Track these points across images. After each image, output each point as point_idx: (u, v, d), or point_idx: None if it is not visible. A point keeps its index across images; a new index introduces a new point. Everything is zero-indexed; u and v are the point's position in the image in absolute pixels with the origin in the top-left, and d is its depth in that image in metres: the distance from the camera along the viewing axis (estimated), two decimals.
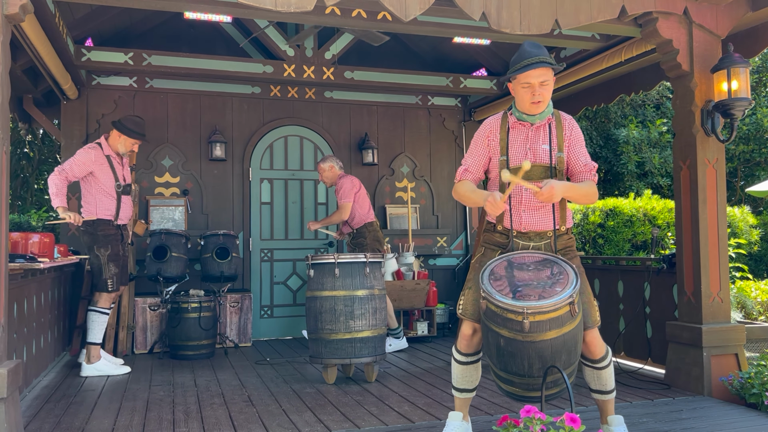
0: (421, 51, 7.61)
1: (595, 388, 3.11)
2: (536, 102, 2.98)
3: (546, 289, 2.73)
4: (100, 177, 4.97)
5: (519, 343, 2.71)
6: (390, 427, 3.50)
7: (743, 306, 7.00)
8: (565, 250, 3.07)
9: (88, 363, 4.94)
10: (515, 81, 3.02)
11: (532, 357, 2.72)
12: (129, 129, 5.08)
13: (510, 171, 2.87)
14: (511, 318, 2.68)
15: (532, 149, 3.04)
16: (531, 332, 2.67)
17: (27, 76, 5.87)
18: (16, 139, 10.41)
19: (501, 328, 2.74)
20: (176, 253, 5.72)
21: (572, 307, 2.69)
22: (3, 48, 3.11)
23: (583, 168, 3.05)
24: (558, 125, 3.08)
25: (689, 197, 4.38)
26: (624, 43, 5.21)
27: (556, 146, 3.04)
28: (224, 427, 3.52)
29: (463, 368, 3.11)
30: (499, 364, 2.86)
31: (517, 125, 3.09)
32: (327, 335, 4.51)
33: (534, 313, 2.64)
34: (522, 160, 3.01)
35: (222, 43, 6.85)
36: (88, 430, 3.51)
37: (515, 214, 3.04)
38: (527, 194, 3.00)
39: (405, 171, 7.43)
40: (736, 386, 3.99)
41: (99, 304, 5.05)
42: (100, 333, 5.01)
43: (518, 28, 3.92)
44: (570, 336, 2.73)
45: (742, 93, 4.12)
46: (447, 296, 7.33)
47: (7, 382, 2.94)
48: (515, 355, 2.76)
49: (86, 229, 5.03)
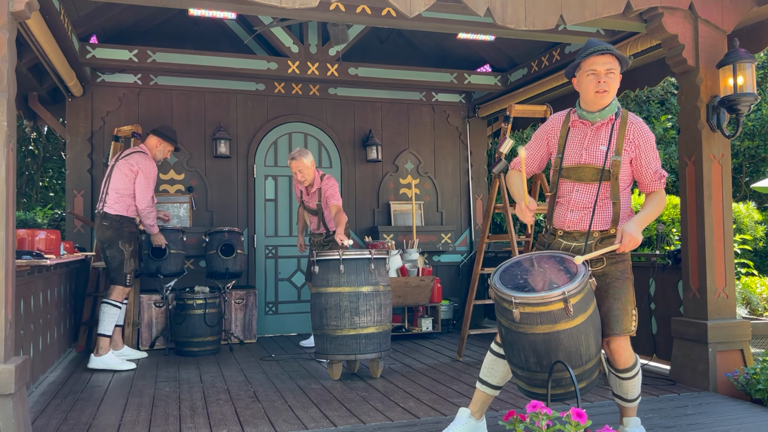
0: (425, 47, 7.60)
1: (617, 393, 3.09)
2: (601, 91, 2.85)
3: (549, 284, 2.72)
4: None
5: (514, 334, 2.76)
6: (395, 423, 3.51)
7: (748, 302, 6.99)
8: (610, 254, 2.92)
9: (96, 356, 4.98)
10: (580, 71, 2.92)
11: (527, 350, 2.74)
12: (169, 137, 5.37)
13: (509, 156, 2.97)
14: (505, 307, 2.73)
15: (588, 149, 2.95)
16: (521, 323, 2.69)
17: (32, 74, 5.88)
18: (22, 136, 10.44)
19: (501, 317, 2.81)
20: (174, 250, 5.72)
21: (566, 305, 2.63)
22: (9, 45, 3.12)
23: (653, 176, 2.93)
24: (622, 127, 2.92)
25: (695, 193, 4.37)
26: (629, 38, 5.20)
27: (615, 149, 2.90)
28: (230, 423, 3.54)
29: (494, 359, 3.10)
30: (505, 353, 2.92)
31: (577, 123, 3.01)
32: (332, 331, 4.52)
33: (522, 303, 2.66)
34: (576, 159, 2.94)
35: (226, 40, 6.85)
36: (95, 425, 3.53)
37: (561, 212, 3.01)
38: (577, 194, 2.96)
39: (409, 167, 7.42)
40: (741, 382, 3.99)
41: (113, 297, 5.11)
42: (110, 326, 5.06)
43: (523, 23, 3.92)
44: (567, 336, 2.67)
45: (748, 88, 4.11)
46: (451, 293, 7.33)
47: (14, 378, 2.96)
48: (513, 345, 2.80)
49: (111, 224, 5.10)
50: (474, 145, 7.67)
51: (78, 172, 6.33)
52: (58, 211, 10.16)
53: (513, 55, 6.90)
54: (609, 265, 2.95)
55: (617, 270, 2.95)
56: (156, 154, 5.36)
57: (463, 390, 4.25)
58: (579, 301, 2.68)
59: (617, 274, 2.94)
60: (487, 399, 3.16)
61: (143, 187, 5.13)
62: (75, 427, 3.48)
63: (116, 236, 5.11)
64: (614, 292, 2.92)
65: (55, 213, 9.92)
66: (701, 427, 3.37)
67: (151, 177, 5.21)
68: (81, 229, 6.31)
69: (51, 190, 11.95)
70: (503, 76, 7.06)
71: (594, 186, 2.94)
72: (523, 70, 6.64)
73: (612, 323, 2.89)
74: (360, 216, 7.19)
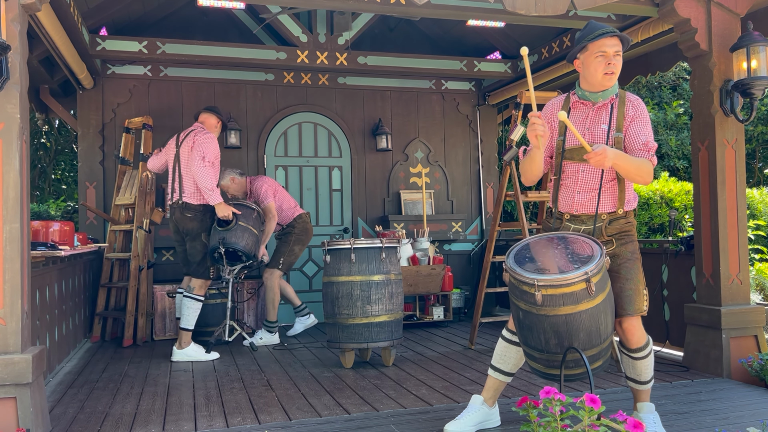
0: (435, 35, 7.56)
1: (630, 376, 3.08)
2: (610, 73, 2.88)
3: (567, 265, 2.73)
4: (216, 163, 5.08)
5: (534, 317, 2.74)
6: (408, 410, 3.52)
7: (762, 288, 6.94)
8: (620, 235, 2.98)
9: (179, 348, 4.98)
10: (586, 53, 2.92)
11: (548, 332, 2.74)
12: (221, 114, 5.31)
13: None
14: (525, 290, 2.72)
15: (590, 130, 2.98)
16: (544, 306, 2.68)
17: (43, 67, 5.91)
18: (33, 129, 10.50)
19: (519, 301, 2.79)
20: (243, 223, 5.09)
21: (588, 285, 2.65)
22: (21, 38, 3.14)
23: (642, 146, 2.92)
24: (621, 105, 2.97)
25: (708, 178, 4.34)
26: (640, 23, 5.14)
27: (615, 126, 2.95)
28: (245, 411, 3.57)
29: (505, 346, 3.12)
30: (521, 337, 2.90)
31: (578, 105, 3.03)
32: (344, 320, 4.54)
33: (545, 286, 2.66)
34: (577, 140, 2.93)
35: (235, 30, 6.85)
36: (112, 414, 3.57)
37: (568, 195, 3.01)
38: (583, 174, 2.97)
39: (419, 156, 7.41)
40: (755, 368, 3.97)
41: (195, 291, 5.08)
42: (193, 320, 5.03)
43: (533, 9, 3.89)
44: (588, 315, 2.71)
45: (762, 72, 4.06)
46: (462, 281, 7.34)
47: (32, 368, 3.00)
48: (532, 328, 2.78)
49: (195, 214, 5.04)
50: (484, 132, 7.64)
51: (90, 164, 6.37)
52: (71, 203, 10.24)
53: (523, 41, 6.84)
54: (619, 246, 2.99)
55: (627, 251, 2.99)
56: (215, 132, 5.30)
57: (475, 377, 4.26)
58: (599, 281, 2.72)
59: (627, 254, 2.99)
60: (499, 386, 3.18)
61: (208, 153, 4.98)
62: (92, 416, 3.53)
63: (200, 228, 5.05)
64: (626, 273, 2.96)
65: (68, 205, 10.00)
66: (715, 413, 3.37)
67: (215, 146, 5.05)
68: (94, 220, 6.35)
69: (63, 182, 12.03)
70: (513, 63, 7.01)
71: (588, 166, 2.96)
72: (533, 57, 6.59)
73: (625, 303, 2.93)
74: (370, 205, 7.19)
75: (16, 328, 3.02)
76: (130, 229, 5.93)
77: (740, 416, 3.31)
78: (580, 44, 2.93)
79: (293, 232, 5.83)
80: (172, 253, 6.51)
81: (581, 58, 2.96)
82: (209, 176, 4.92)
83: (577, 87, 3.04)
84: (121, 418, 3.48)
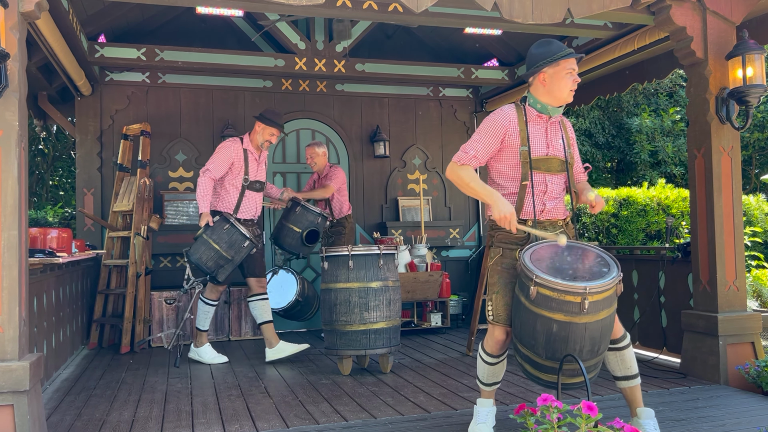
0: (432, 42, 7.59)
1: (621, 375, 3.09)
2: (573, 90, 3.05)
3: (592, 271, 2.77)
4: (232, 169, 5.10)
5: (574, 326, 2.71)
6: (406, 417, 3.52)
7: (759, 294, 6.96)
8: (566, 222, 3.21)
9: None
10: (557, 68, 3.00)
11: (585, 339, 2.73)
12: (269, 119, 5.19)
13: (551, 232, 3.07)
14: (569, 300, 2.67)
15: (551, 142, 3.09)
16: (588, 313, 2.69)
17: (42, 73, 5.92)
18: (31, 135, 10.51)
19: (555, 313, 2.71)
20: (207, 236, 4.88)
21: (618, 286, 2.77)
22: (20, 45, 3.15)
23: (583, 172, 3.27)
24: (563, 124, 3.20)
25: (704, 185, 4.36)
26: (637, 31, 5.17)
27: (566, 143, 3.15)
28: (242, 418, 3.56)
29: (492, 368, 3.15)
30: (546, 352, 2.80)
31: (535, 118, 3.10)
32: (342, 327, 4.54)
33: (594, 293, 2.66)
34: (544, 151, 3.05)
35: (233, 37, 6.87)
36: (109, 421, 3.57)
37: (539, 203, 3.06)
38: (551, 185, 3.07)
39: (417, 163, 7.43)
40: (752, 374, 3.98)
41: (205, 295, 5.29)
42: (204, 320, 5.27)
43: (530, 17, 3.91)
44: (610, 317, 2.81)
45: (758, 80, 4.09)
46: (460, 287, 7.34)
47: (29, 375, 2.99)
48: (567, 339, 2.73)
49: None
50: None
51: (88, 171, 6.37)
52: (69, 209, 10.23)
53: (520, 49, 6.88)
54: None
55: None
56: (256, 138, 5.21)
57: (473, 384, 4.26)
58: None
59: None
60: (495, 391, 3.26)
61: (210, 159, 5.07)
62: (89, 424, 3.52)
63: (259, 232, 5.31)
64: None
65: (66, 212, 10.00)
66: (712, 420, 3.37)
67: (220, 154, 5.06)
68: (92, 227, 6.35)
69: (61, 188, 12.04)
70: (510, 70, 7.04)
71: (562, 176, 3.12)
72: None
73: None
74: (368, 212, 7.20)
75: (14, 335, 3.02)
76: (127, 235, 5.93)
77: (737, 423, 3.31)
78: (550, 59, 3.00)
79: (344, 233, 6.16)
80: (169, 260, 6.50)
81: (549, 73, 3.03)
82: (199, 184, 4.98)
83: (535, 100, 3.09)
84: (119, 426, 3.47)
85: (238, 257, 4.91)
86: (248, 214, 5.21)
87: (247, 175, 5.14)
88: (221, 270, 4.90)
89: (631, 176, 11.61)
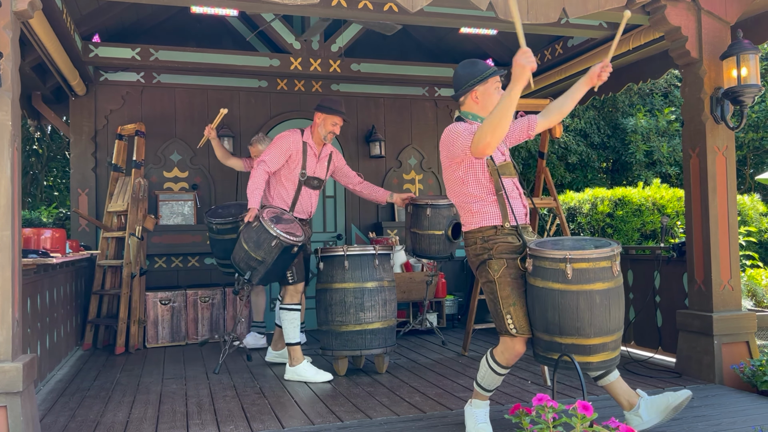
0: (428, 42, 7.59)
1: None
2: None
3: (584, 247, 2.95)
4: (289, 162, 4.71)
5: (571, 294, 2.82)
6: (402, 418, 3.52)
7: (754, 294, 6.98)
8: None
9: (291, 366, 4.56)
10: (486, 85, 3.17)
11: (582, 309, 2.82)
12: (326, 107, 4.75)
13: None
14: (560, 268, 2.83)
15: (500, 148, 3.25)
16: (577, 282, 2.81)
17: (35, 73, 5.90)
18: (25, 136, 10.47)
19: (552, 282, 2.86)
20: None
21: (614, 264, 2.86)
22: (12, 45, 3.13)
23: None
24: None
25: (699, 185, 4.36)
26: (632, 31, 5.18)
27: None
28: (237, 419, 3.55)
29: (501, 377, 3.16)
30: (555, 328, 2.88)
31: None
32: (337, 327, 4.53)
33: (576, 259, 2.82)
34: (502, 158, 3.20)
35: (228, 37, 6.86)
36: (103, 422, 3.55)
37: (517, 207, 3.14)
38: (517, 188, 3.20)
39: (412, 163, 7.42)
40: (747, 374, 3.99)
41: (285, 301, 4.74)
42: (293, 332, 4.62)
43: (525, 17, 3.91)
44: (615, 294, 2.88)
45: (752, 80, 4.10)
46: (456, 288, 7.34)
47: (22, 376, 2.97)
48: (567, 309, 2.83)
49: None
50: None
51: (82, 171, 6.35)
52: (63, 210, 10.20)
53: (516, 49, 6.86)
54: None
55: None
56: (317, 131, 4.80)
57: (468, 384, 4.26)
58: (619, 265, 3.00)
59: None
60: None
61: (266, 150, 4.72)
62: (83, 425, 3.51)
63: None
64: None
65: (60, 212, 9.96)
66: (707, 419, 3.38)
67: (277, 144, 4.69)
68: (86, 227, 6.33)
69: (55, 189, 12.00)
70: (507, 70, 7.04)
71: (516, 179, 3.24)
72: None
73: None
74: (364, 212, 7.19)
75: (7, 336, 3.01)
76: (122, 236, 5.91)
77: (732, 422, 3.32)
78: (480, 77, 3.15)
79: None
80: (164, 260, 6.49)
81: (480, 90, 3.17)
82: (252, 176, 4.61)
83: (474, 115, 3.18)
84: (113, 427, 3.46)
85: (270, 258, 4.37)
86: (303, 214, 4.85)
87: (304, 170, 4.74)
88: (254, 273, 4.44)
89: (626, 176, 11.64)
